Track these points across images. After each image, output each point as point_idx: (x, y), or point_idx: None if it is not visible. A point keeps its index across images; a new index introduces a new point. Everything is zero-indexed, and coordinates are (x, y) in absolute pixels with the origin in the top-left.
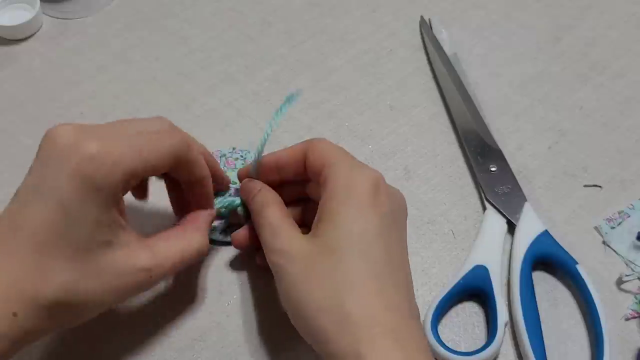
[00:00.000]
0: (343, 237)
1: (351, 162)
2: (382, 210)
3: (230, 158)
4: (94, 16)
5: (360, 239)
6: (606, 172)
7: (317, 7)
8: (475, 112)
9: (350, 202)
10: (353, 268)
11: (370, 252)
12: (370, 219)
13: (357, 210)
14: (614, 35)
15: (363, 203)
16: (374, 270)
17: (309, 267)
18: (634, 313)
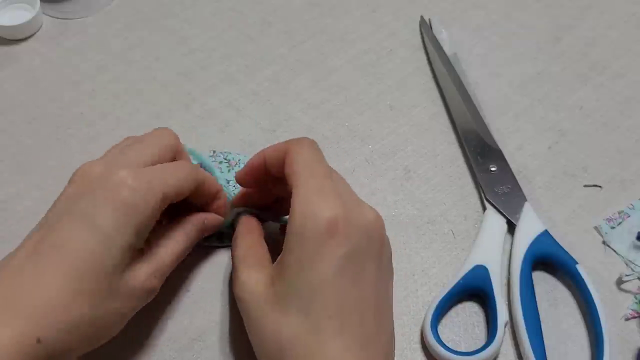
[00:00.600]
0: (289, 287)
1: (313, 188)
2: (335, 254)
3: (215, 162)
4: (94, 16)
5: (305, 291)
6: (606, 172)
7: (317, 7)
8: (475, 112)
9: (299, 251)
10: (294, 322)
11: (314, 306)
12: (318, 269)
13: (304, 259)
14: (614, 35)
15: (311, 250)
16: (314, 324)
17: (262, 316)
18: (634, 313)
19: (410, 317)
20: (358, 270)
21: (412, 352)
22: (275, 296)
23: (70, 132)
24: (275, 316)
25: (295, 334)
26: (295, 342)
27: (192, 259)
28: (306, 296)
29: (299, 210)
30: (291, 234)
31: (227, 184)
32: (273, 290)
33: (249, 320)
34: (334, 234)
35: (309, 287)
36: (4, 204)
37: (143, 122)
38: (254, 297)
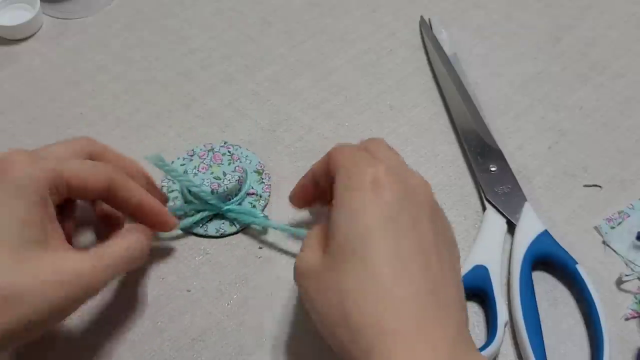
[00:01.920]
0: (341, 245)
1: (352, 164)
2: (383, 201)
3: (218, 152)
4: (94, 16)
5: (356, 242)
6: (606, 172)
7: (317, 7)
8: (475, 112)
9: (345, 205)
10: (352, 275)
11: (369, 252)
12: (366, 216)
13: (351, 212)
14: (614, 35)
15: (357, 202)
16: (374, 271)
17: (320, 283)
18: (634, 313)
19: None
20: (411, 218)
21: None
22: (331, 260)
23: (70, 132)
24: (335, 277)
25: (357, 286)
26: (358, 296)
27: (192, 259)
28: (359, 245)
29: (343, 181)
30: (338, 194)
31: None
32: (328, 256)
33: (308, 293)
34: (379, 186)
35: (360, 234)
36: None
37: (143, 122)
38: (313, 270)
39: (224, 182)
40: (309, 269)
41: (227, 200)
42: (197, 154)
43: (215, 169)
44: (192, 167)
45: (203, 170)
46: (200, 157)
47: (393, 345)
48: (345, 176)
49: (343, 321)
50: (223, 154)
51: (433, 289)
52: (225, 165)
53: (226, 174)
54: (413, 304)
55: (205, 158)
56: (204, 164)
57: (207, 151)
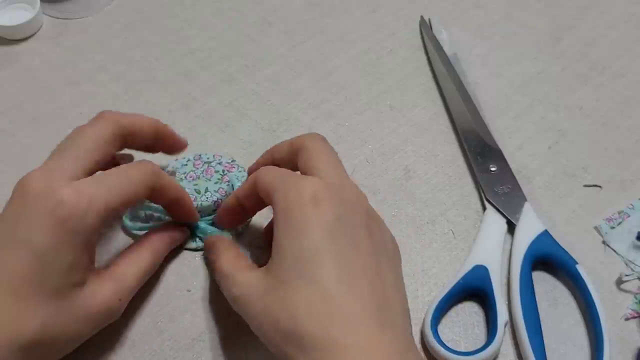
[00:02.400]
0: (287, 265)
1: (289, 181)
2: (324, 219)
3: (212, 167)
4: (94, 16)
5: (302, 262)
6: (606, 172)
7: (317, 7)
8: (475, 112)
9: (287, 225)
10: (302, 296)
11: (316, 273)
12: (309, 237)
13: (293, 232)
14: (614, 35)
15: (299, 221)
16: (322, 291)
17: (265, 302)
18: (634, 313)
19: None
20: (351, 235)
21: None
22: (276, 280)
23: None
24: (283, 297)
25: (306, 306)
26: (308, 314)
27: (192, 259)
28: (306, 265)
29: (282, 200)
30: (279, 215)
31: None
32: (273, 277)
33: (255, 314)
34: (318, 202)
35: (306, 255)
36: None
37: None
38: (255, 292)
39: (200, 198)
40: (250, 291)
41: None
42: (201, 159)
43: (201, 182)
44: (183, 171)
45: (190, 178)
46: (195, 165)
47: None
48: (282, 196)
49: (293, 338)
50: (216, 171)
51: (379, 303)
52: (211, 183)
53: (207, 191)
54: (363, 320)
55: (199, 168)
56: (194, 172)
57: (205, 162)
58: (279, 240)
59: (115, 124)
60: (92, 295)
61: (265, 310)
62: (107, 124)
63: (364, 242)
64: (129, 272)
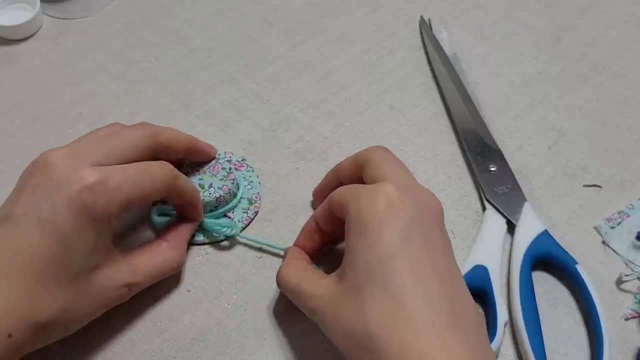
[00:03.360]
0: (360, 271)
1: (362, 191)
2: (397, 222)
3: (219, 164)
4: (94, 16)
5: (376, 267)
6: (606, 172)
7: (317, 7)
8: (475, 112)
9: (361, 230)
10: (375, 302)
11: (389, 278)
12: (383, 241)
13: (368, 237)
14: (614, 35)
15: (373, 226)
16: (395, 296)
17: (339, 310)
18: (634, 313)
19: None
20: (424, 237)
21: None
22: (349, 286)
23: (70, 132)
24: (356, 303)
25: (380, 311)
26: (382, 320)
27: (192, 259)
28: (379, 270)
29: (354, 209)
30: (352, 222)
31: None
32: (346, 283)
33: (331, 322)
34: (392, 206)
35: (380, 259)
36: None
37: None
38: (329, 300)
39: (203, 193)
40: (325, 302)
41: None
42: None
43: (206, 177)
44: (191, 164)
45: (195, 173)
46: None
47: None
48: (355, 205)
49: (369, 346)
50: (223, 168)
51: (452, 306)
52: (216, 179)
53: (211, 187)
54: (435, 325)
55: (207, 163)
56: (201, 167)
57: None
58: (352, 246)
59: (153, 139)
60: (108, 279)
61: (338, 318)
62: (146, 135)
63: (437, 242)
64: (147, 265)
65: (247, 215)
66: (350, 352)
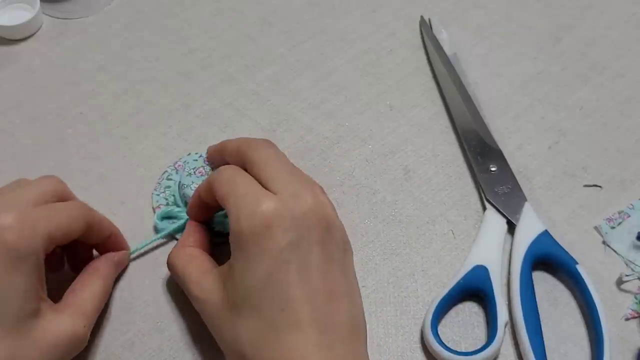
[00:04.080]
0: (238, 293)
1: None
2: (274, 250)
3: (202, 167)
4: (94, 16)
5: (250, 292)
6: (606, 172)
7: (317, 7)
8: (475, 112)
9: (240, 253)
10: (247, 323)
11: (262, 304)
12: (258, 269)
13: (246, 260)
14: (614, 35)
15: (250, 252)
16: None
17: (219, 320)
18: (634, 313)
19: (410, 317)
20: (302, 259)
21: (412, 352)
22: (228, 301)
23: (70, 132)
24: (232, 321)
25: (253, 335)
26: (254, 343)
27: None
28: (254, 294)
29: (234, 213)
30: (233, 238)
31: None
32: (226, 295)
33: (213, 329)
34: (270, 228)
35: (255, 285)
36: None
37: (143, 122)
38: (210, 308)
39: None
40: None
41: None
42: None
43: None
44: (193, 166)
45: (199, 174)
46: (205, 161)
47: None
48: (235, 217)
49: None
50: (207, 171)
51: (324, 329)
52: None
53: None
54: (308, 346)
55: (208, 165)
56: (203, 169)
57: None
58: (233, 264)
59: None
60: (52, 325)
61: (218, 328)
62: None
63: (315, 263)
64: (84, 298)
65: None
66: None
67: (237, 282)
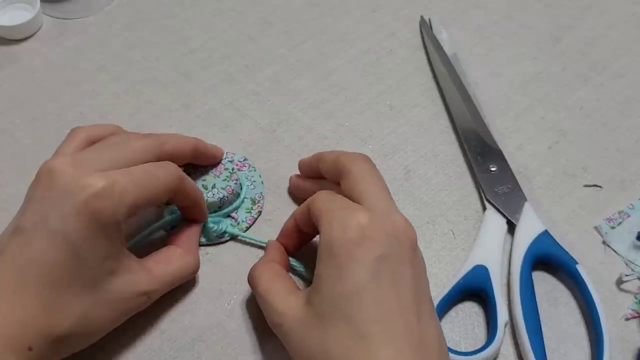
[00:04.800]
0: (326, 302)
1: (336, 215)
2: (367, 259)
3: (222, 165)
4: (94, 16)
5: (342, 301)
6: (606, 172)
7: (317, 7)
8: (475, 112)
9: (330, 260)
10: (338, 334)
11: (355, 313)
12: (351, 276)
13: (337, 269)
14: (614, 35)
15: (342, 259)
16: (359, 331)
17: (304, 332)
18: (634, 313)
19: None
20: (393, 274)
21: None
22: (314, 313)
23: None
24: (319, 333)
25: (342, 345)
26: (344, 354)
27: None
28: (345, 304)
29: (326, 233)
30: (322, 248)
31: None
32: (311, 309)
33: (294, 344)
34: (364, 239)
35: (347, 294)
36: (4, 204)
37: (143, 122)
38: (293, 322)
39: (207, 194)
40: (290, 323)
41: None
42: None
43: (209, 178)
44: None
45: (198, 174)
46: None
47: None
48: (327, 229)
49: None
50: (226, 169)
51: (416, 342)
52: (219, 180)
53: (214, 188)
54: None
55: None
56: (204, 168)
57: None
58: (321, 274)
59: (159, 149)
60: (126, 287)
61: (302, 343)
62: (153, 146)
63: (406, 280)
64: (166, 273)
65: (251, 215)
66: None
67: (325, 293)
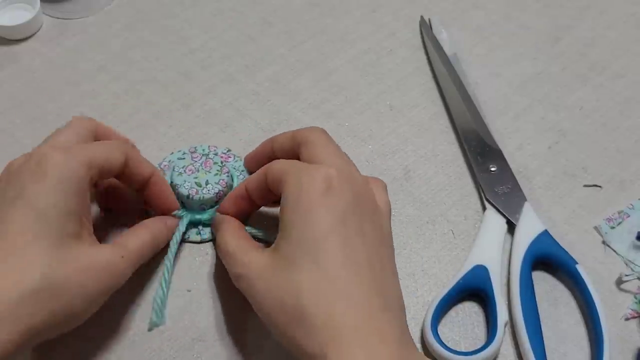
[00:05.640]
0: (295, 246)
1: (302, 168)
2: (335, 206)
3: (211, 159)
4: (94, 16)
5: (311, 244)
6: (606, 172)
7: (317, 7)
8: (475, 112)
9: (299, 208)
10: (308, 276)
11: (323, 255)
12: (320, 221)
13: (305, 216)
14: (613, 35)
15: (312, 205)
16: (328, 272)
17: (271, 281)
18: (634, 313)
19: (410, 317)
20: (359, 225)
21: None
22: (283, 258)
23: None
24: (289, 275)
25: (312, 286)
26: (313, 295)
27: (192, 259)
28: (314, 247)
29: (293, 184)
30: (289, 199)
31: None
32: (279, 255)
33: (261, 291)
34: (331, 188)
35: (315, 238)
36: None
37: (143, 122)
38: (259, 270)
39: (202, 191)
40: (255, 270)
41: (200, 209)
42: (197, 152)
43: (201, 175)
44: (181, 165)
45: (189, 172)
46: (192, 158)
47: (349, 340)
48: (295, 181)
49: (297, 319)
50: (215, 163)
51: (381, 291)
52: (211, 175)
53: (208, 184)
54: (365, 304)
55: (197, 161)
56: (193, 166)
57: (202, 155)
58: (288, 220)
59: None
60: (91, 250)
61: (270, 288)
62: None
63: (370, 233)
64: (128, 238)
65: None
66: (277, 323)
67: (293, 238)
